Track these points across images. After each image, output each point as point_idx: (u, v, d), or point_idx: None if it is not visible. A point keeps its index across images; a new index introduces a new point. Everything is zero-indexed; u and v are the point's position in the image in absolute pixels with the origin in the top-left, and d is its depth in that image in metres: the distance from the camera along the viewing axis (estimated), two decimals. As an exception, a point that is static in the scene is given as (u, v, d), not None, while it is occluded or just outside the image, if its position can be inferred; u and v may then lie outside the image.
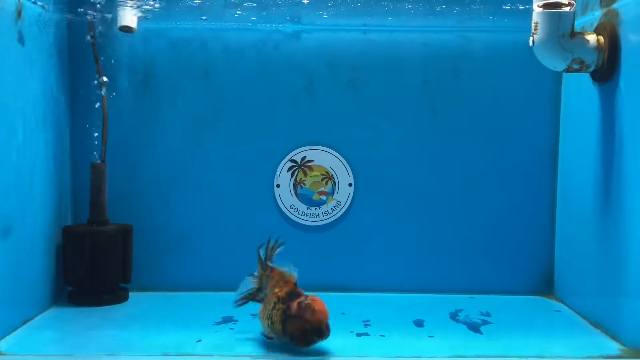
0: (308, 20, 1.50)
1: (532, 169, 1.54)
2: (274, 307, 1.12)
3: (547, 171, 1.54)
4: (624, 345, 1.18)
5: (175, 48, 1.52)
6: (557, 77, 1.51)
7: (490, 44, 1.53)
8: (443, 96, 1.53)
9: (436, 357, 1.11)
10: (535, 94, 1.53)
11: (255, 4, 1.36)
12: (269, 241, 1.21)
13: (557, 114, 1.53)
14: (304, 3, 1.35)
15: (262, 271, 1.20)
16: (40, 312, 1.34)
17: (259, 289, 1.21)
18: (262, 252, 1.21)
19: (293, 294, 1.12)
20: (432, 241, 1.55)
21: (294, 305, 1.10)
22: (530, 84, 1.52)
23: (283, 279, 1.15)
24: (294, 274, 1.15)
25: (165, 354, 1.11)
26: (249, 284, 1.22)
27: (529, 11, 1.26)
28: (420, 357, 1.11)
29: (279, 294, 1.13)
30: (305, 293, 1.14)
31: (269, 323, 1.13)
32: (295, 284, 1.14)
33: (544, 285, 1.54)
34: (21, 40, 1.24)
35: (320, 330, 1.08)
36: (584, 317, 1.35)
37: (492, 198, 1.54)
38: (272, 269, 1.18)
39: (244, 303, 1.22)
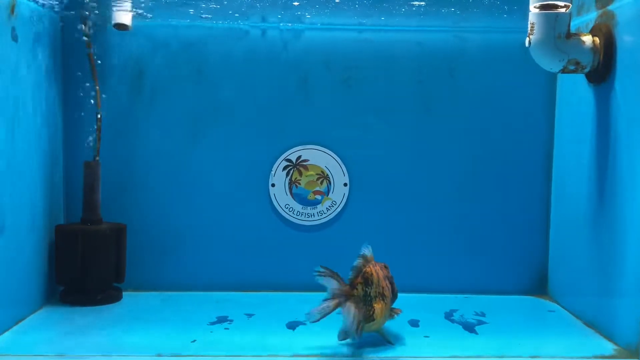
0: (303, 20, 1.50)
1: (527, 169, 1.54)
2: (389, 289, 1.17)
3: (542, 171, 1.54)
4: (618, 345, 1.18)
5: (170, 45, 1.51)
6: (552, 77, 1.52)
7: (486, 44, 1.53)
8: (438, 96, 1.53)
9: (433, 357, 1.11)
10: (530, 94, 1.53)
11: (248, 2, 1.35)
12: (325, 270, 1.15)
13: (552, 114, 1.53)
14: (294, 5, 1.35)
15: (348, 288, 1.14)
16: (32, 312, 1.32)
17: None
18: (332, 279, 1.14)
19: (382, 267, 1.19)
20: (427, 241, 1.55)
21: (386, 270, 1.20)
22: (525, 84, 1.53)
23: (373, 263, 1.17)
24: (371, 251, 1.18)
25: (159, 354, 1.10)
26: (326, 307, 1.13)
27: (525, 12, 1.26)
28: (416, 357, 1.11)
29: (383, 274, 1.18)
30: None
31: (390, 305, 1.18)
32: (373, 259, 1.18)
33: (538, 285, 1.55)
34: (14, 36, 1.23)
35: None
36: (578, 317, 1.36)
37: (486, 198, 1.54)
38: (365, 272, 1.14)
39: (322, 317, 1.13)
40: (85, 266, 1.38)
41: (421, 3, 1.31)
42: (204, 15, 1.45)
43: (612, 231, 1.22)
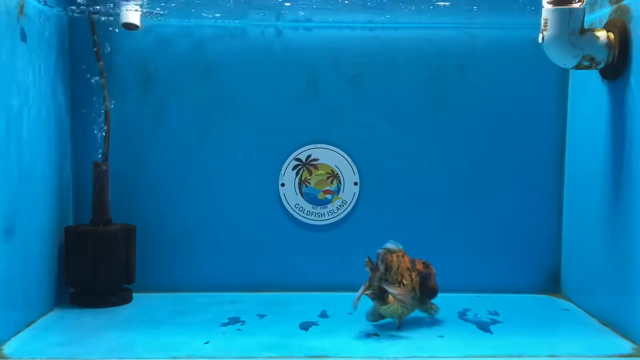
0: (312, 17, 1.48)
1: (539, 166, 1.53)
2: (412, 280, 1.24)
3: (554, 168, 1.53)
4: (636, 343, 1.17)
5: (178, 45, 1.49)
6: (564, 73, 1.51)
7: (496, 40, 1.51)
8: (448, 93, 1.52)
9: (449, 357, 1.10)
10: (542, 91, 1.52)
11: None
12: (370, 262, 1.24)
13: (564, 111, 1.52)
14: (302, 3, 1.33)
15: (382, 274, 1.23)
16: (43, 314, 1.31)
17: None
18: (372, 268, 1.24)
19: (412, 261, 1.26)
20: (438, 240, 1.54)
21: (421, 266, 1.28)
22: (537, 81, 1.51)
23: (397, 254, 1.24)
24: (398, 245, 1.26)
25: (174, 357, 1.09)
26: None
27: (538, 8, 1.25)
28: (432, 357, 1.10)
29: (407, 265, 1.25)
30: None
31: (413, 294, 1.24)
32: (405, 252, 1.27)
33: (551, 283, 1.54)
34: (23, 37, 1.22)
35: None
36: (593, 316, 1.35)
37: (498, 196, 1.53)
38: (385, 258, 1.23)
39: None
40: (95, 268, 1.37)
41: (446, 3, 1.30)
42: (206, 14, 1.43)
43: (627, 228, 1.21)
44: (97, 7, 1.38)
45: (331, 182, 1.53)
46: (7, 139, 1.16)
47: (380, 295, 1.21)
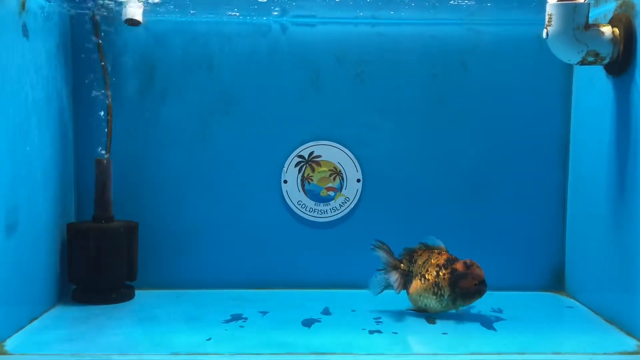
0: (314, 13, 1.48)
1: (542, 163, 1.52)
2: (437, 276, 1.28)
3: (558, 166, 1.52)
4: (641, 341, 1.16)
5: (181, 41, 1.49)
6: (568, 70, 1.50)
7: (500, 36, 1.51)
8: (452, 90, 1.51)
9: (453, 354, 1.09)
10: (546, 87, 1.51)
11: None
12: (380, 244, 1.33)
13: (568, 108, 1.51)
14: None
15: (396, 261, 1.33)
16: (45, 311, 1.31)
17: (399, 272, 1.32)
18: (383, 252, 1.33)
19: (450, 260, 1.30)
20: (441, 237, 1.51)
21: (460, 265, 1.29)
22: (541, 77, 1.50)
23: (433, 251, 1.32)
24: (441, 244, 1.33)
25: (175, 353, 1.08)
26: (382, 278, 1.33)
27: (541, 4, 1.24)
28: (435, 354, 1.09)
29: (439, 262, 1.29)
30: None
31: (435, 290, 1.28)
32: (447, 251, 1.32)
33: (555, 281, 1.53)
34: (25, 33, 1.22)
35: (485, 281, 1.28)
36: (597, 313, 1.34)
37: (501, 193, 1.52)
38: (415, 250, 1.33)
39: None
40: (98, 264, 1.37)
41: (470, 3, 1.30)
42: (206, 10, 1.43)
43: (632, 225, 1.20)
44: (100, 2, 1.37)
45: (334, 179, 1.53)
46: (10, 135, 1.16)
47: (408, 279, 1.31)
